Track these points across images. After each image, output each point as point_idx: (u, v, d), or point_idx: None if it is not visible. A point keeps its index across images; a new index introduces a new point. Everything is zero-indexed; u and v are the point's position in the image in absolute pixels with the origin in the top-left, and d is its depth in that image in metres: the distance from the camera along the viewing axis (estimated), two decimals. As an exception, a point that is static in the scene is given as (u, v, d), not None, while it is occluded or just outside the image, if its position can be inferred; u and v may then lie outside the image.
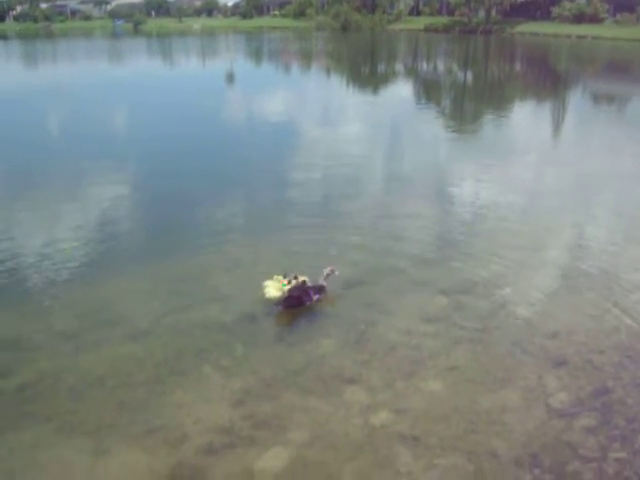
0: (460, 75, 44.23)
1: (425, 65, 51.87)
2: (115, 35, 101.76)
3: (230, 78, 41.05)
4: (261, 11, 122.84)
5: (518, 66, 51.31)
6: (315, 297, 8.67)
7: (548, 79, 41.95)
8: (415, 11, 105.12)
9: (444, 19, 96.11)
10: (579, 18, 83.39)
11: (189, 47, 73.60)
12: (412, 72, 45.79)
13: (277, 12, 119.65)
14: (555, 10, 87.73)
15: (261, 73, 45.04)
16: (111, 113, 26.33)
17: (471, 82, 40.55)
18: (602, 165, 16.85)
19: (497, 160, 17.27)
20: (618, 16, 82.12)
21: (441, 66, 50.29)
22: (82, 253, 10.65)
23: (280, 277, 8.72)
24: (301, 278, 8.75)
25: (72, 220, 12.48)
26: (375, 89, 35.34)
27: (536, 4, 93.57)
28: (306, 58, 56.48)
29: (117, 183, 15.08)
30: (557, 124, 24.66)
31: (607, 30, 76.51)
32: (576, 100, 32.39)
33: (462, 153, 18.72)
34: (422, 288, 9.22)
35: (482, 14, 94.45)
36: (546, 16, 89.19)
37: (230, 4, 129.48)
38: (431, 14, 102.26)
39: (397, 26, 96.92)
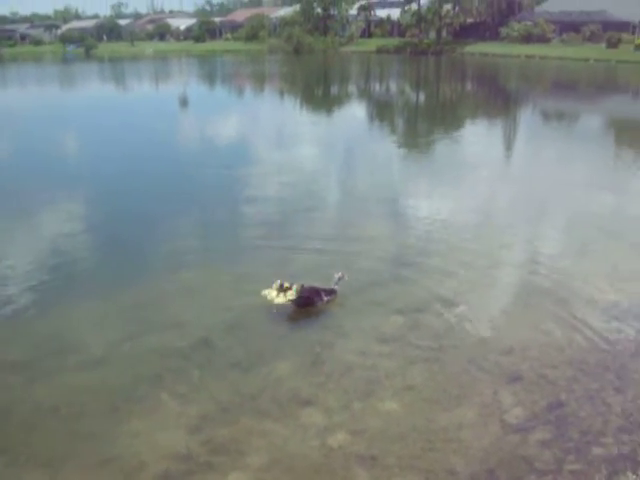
0: (413, 95, 44.74)
1: (378, 86, 52.34)
2: (66, 60, 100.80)
3: (184, 102, 40.94)
4: (214, 35, 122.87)
5: (469, 85, 52.09)
6: (325, 298, 9.22)
7: (499, 98, 42.64)
8: (367, 33, 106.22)
9: (395, 40, 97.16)
10: (527, 38, 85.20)
11: (142, 71, 73.27)
12: (365, 93, 46.20)
13: (229, 36, 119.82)
14: (503, 31, 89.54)
15: (215, 96, 45.01)
16: (64, 137, 26.01)
17: (424, 102, 41.04)
18: (553, 181, 17.16)
19: (451, 178, 17.50)
20: (564, 36, 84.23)
21: (394, 87, 50.82)
22: (34, 279, 10.47)
23: (276, 285, 9.15)
24: (287, 285, 9.15)
25: (22, 244, 12.31)
26: (329, 111, 35.56)
27: (485, 25, 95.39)
28: (259, 81, 56.60)
29: (70, 207, 14.92)
30: (509, 142, 25.09)
31: (554, 50, 78.26)
32: (527, 118, 32.99)
33: (416, 172, 18.92)
34: (378, 308, 9.27)
35: (433, 35, 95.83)
36: (495, 36, 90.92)
37: (182, 28, 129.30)
38: (382, 36, 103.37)
39: (349, 48, 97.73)
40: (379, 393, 7.17)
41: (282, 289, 9.06)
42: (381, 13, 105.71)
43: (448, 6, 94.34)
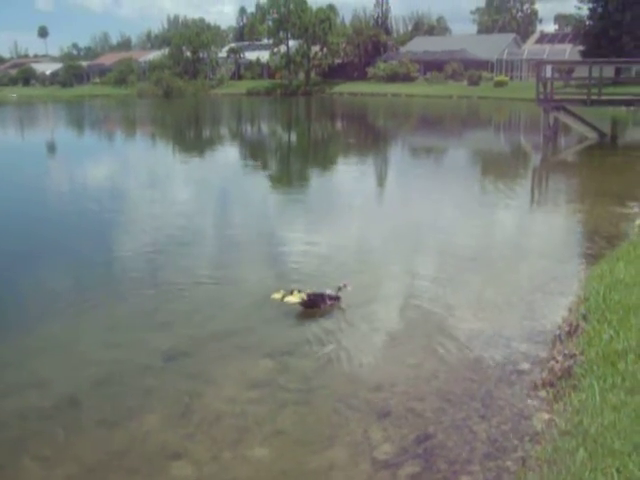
0: (284, 135, 45.29)
1: (250, 127, 52.72)
2: None
3: (51, 148, 39.82)
4: (81, 79, 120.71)
5: (339, 124, 53.27)
6: (329, 303, 10.52)
7: (369, 135, 43.79)
8: (236, 75, 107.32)
9: (265, 82, 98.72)
10: (393, 77, 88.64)
11: (6, 117, 70.89)
12: (237, 135, 46.40)
13: (98, 80, 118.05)
14: (370, 70, 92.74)
15: (84, 142, 43.99)
16: None
17: (295, 142, 41.60)
18: (422, 214, 17.73)
19: (324, 217, 17.74)
20: (428, 74, 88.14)
21: (265, 128, 51.35)
22: None
23: (282, 291, 10.46)
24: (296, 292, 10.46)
25: None
26: (201, 153, 35.46)
27: (353, 65, 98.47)
28: (130, 125, 55.85)
29: None
30: (379, 178, 25.77)
31: (419, 88, 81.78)
32: (396, 153, 34.02)
33: (287, 212, 19.00)
34: (246, 353, 9.16)
35: (302, 76, 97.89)
36: (362, 76, 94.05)
37: (48, 72, 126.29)
38: (253, 78, 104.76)
39: (220, 90, 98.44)
40: (249, 440, 7.07)
41: (291, 293, 10.35)
42: (251, 56, 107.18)
43: (316, 48, 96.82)
